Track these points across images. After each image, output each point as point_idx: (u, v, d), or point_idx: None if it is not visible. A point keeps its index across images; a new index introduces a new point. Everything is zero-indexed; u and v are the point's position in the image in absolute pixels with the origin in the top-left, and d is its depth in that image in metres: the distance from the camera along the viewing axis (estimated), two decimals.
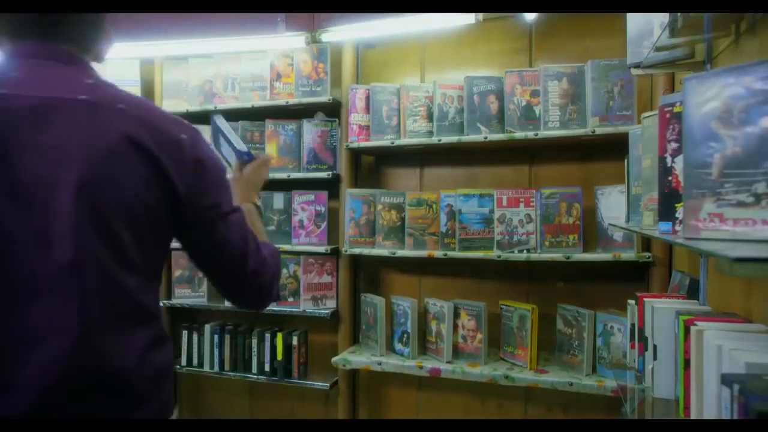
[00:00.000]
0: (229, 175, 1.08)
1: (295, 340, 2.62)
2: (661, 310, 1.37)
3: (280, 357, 2.62)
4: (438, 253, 2.36)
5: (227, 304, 2.28)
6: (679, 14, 1.22)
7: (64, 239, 0.83)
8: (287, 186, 2.63)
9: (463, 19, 2.24)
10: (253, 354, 2.67)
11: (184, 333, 2.79)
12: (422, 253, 2.41)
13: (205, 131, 2.75)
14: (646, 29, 1.63)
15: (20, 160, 0.83)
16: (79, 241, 0.84)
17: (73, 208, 0.83)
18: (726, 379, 0.85)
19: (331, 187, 2.63)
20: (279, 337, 2.62)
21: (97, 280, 0.85)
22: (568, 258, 2.21)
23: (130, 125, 0.89)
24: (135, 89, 2.87)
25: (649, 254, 2.10)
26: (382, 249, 2.48)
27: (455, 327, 2.41)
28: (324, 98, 2.57)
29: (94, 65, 0.99)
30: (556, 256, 2.22)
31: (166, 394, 0.97)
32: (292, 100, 2.62)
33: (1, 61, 0.92)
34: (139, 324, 0.92)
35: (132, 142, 0.88)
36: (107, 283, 0.87)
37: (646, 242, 2.14)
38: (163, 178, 0.91)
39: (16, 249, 0.82)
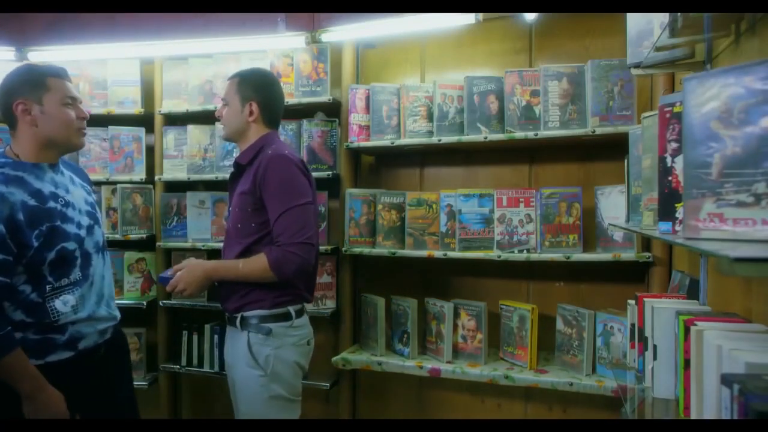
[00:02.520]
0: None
1: None
2: (661, 310, 1.37)
3: None
4: (438, 253, 2.36)
5: None
6: (679, 14, 1.22)
7: None
8: None
9: (463, 19, 2.24)
10: None
11: (184, 333, 2.79)
12: (422, 253, 2.41)
13: (205, 130, 2.76)
14: (646, 29, 1.63)
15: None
16: None
17: None
18: (726, 379, 0.85)
19: (331, 187, 2.63)
20: None
21: None
22: (568, 258, 2.21)
23: None
24: (135, 89, 2.87)
25: (649, 254, 2.10)
26: (382, 249, 2.48)
27: (455, 327, 2.41)
28: (324, 98, 2.57)
29: None
30: (556, 256, 2.22)
31: None
32: (292, 100, 2.62)
33: (273, 137, 1.91)
34: None
35: None
36: None
37: (646, 242, 2.14)
38: None
39: None
